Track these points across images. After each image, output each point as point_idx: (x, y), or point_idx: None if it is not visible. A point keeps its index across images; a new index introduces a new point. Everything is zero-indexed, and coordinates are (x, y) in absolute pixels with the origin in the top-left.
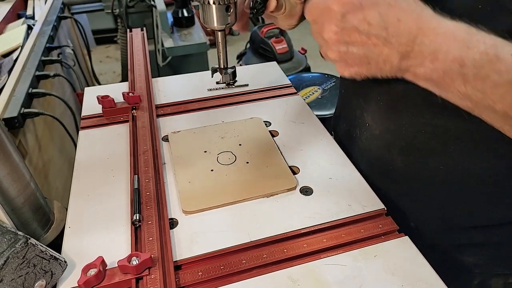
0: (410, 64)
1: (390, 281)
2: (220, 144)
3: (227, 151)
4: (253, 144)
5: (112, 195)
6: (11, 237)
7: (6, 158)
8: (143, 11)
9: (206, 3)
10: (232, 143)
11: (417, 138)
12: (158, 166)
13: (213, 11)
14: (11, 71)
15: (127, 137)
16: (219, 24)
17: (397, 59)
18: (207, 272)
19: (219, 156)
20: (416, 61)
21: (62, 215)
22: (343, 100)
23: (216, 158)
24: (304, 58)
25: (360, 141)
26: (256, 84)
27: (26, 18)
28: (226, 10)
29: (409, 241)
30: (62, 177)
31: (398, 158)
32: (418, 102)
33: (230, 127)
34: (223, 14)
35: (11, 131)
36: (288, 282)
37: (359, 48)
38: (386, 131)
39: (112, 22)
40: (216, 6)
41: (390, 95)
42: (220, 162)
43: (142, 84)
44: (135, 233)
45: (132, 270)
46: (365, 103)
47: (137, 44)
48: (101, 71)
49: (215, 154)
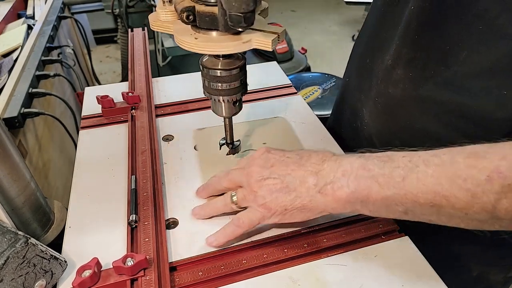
0: (324, 182)
1: (390, 281)
2: (244, 142)
3: (251, 150)
4: (278, 143)
5: (112, 195)
6: (11, 237)
7: (6, 158)
8: (143, 11)
9: (216, 101)
10: (256, 142)
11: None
12: (156, 167)
13: (222, 106)
14: (11, 71)
15: (126, 137)
16: (227, 115)
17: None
18: (208, 272)
19: (244, 154)
20: (328, 178)
21: (62, 215)
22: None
23: (242, 156)
24: (304, 58)
25: (362, 133)
26: (256, 84)
27: (26, 18)
28: (234, 104)
29: (409, 241)
30: (62, 177)
31: None
32: (414, 110)
33: (254, 125)
34: (231, 107)
35: (11, 131)
36: (289, 282)
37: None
38: (382, 130)
39: (112, 22)
40: (225, 103)
41: (387, 99)
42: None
43: (142, 84)
44: (131, 234)
45: (127, 271)
46: (365, 99)
47: (138, 44)
48: (101, 71)
49: (241, 152)
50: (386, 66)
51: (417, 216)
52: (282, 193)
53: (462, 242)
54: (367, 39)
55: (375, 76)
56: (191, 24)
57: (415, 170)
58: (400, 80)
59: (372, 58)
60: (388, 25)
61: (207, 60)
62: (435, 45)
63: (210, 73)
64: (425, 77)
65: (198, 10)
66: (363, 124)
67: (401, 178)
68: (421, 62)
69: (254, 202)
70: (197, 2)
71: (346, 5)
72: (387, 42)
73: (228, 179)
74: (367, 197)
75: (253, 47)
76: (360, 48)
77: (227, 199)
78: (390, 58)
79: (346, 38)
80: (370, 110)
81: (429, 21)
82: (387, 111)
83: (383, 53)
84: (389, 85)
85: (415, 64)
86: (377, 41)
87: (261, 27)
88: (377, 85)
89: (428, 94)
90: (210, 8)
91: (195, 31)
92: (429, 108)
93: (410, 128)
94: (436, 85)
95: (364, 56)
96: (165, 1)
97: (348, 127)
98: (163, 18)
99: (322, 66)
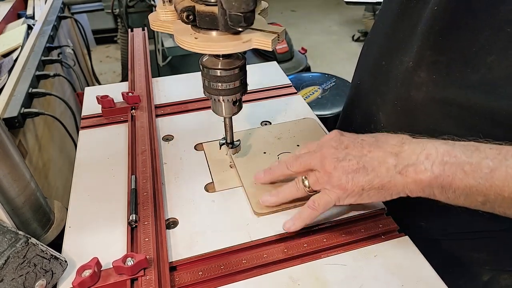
0: (406, 163)
1: (390, 281)
2: (278, 145)
3: (286, 152)
4: None
5: (112, 195)
6: (11, 237)
7: (6, 158)
8: (143, 11)
9: (216, 100)
10: (289, 144)
11: None
12: (156, 166)
13: (222, 106)
14: (11, 71)
15: (126, 137)
16: (227, 114)
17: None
18: (208, 272)
19: (279, 157)
20: (411, 160)
21: (62, 215)
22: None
23: (277, 159)
24: (304, 58)
25: None
26: (256, 84)
27: (26, 18)
28: (233, 104)
29: (409, 241)
30: (62, 177)
31: None
32: (436, 113)
33: (284, 128)
34: (230, 107)
35: (11, 131)
36: (289, 282)
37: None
38: None
39: (112, 22)
40: (225, 103)
41: (408, 102)
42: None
43: (142, 84)
44: (131, 234)
45: (127, 271)
46: (381, 102)
47: (138, 44)
48: (101, 71)
49: (275, 155)
50: (407, 68)
51: (494, 208)
52: (359, 174)
53: (474, 248)
54: (382, 40)
55: (393, 79)
56: (191, 24)
57: (505, 164)
58: (423, 83)
59: (388, 60)
60: (405, 25)
61: (207, 60)
62: (461, 47)
63: (210, 73)
64: (450, 80)
65: (198, 10)
66: (379, 128)
67: (489, 170)
68: (446, 64)
69: (329, 184)
70: (197, 2)
71: (346, 5)
72: (405, 43)
73: (299, 162)
74: (449, 184)
75: (253, 47)
76: (374, 50)
77: (299, 184)
78: (411, 60)
79: (346, 38)
80: (387, 113)
81: (454, 23)
82: (407, 115)
83: (401, 55)
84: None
85: (439, 67)
86: (394, 42)
87: (261, 27)
88: (397, 88)
89: (452, 97)
90: (210, 8)
91: (195, 31)
92: (452, 111)
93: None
94: (462, 89)
95: (379, 57)
96: (165, 1)
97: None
98: (163, 18)
99: (322, 66)
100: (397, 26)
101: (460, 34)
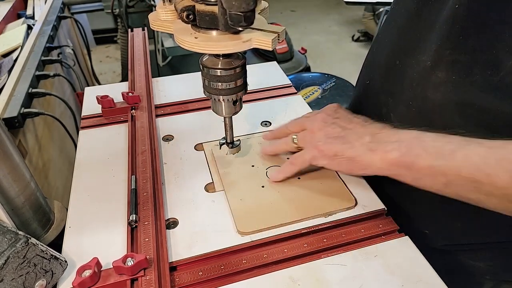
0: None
1: (390, 281)
2: (267, 157)
3: (276, 165)
4: None
5: (112, 195)
6: (11, 237)
7: (6, 158)
8: (143, 11)
9: (216, 100)
10: (279, 156)
11: None
12: (156, 167)
13: (222, 105)
14: (11, 71)
15: (126, 137)
16: (227, 114)
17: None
18: (208, 272)
19: (268, 171)
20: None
21: (62, 215)
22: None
23: (265, 173)
24: (304, 58)
25: None
26: (256, 84)
27: (26, 18)
28: (233, 103)
29: (409, 241)
30: (62, 177)
31: None
32: (453, 115)
33: None
34: (230, 106)
35: (11, 131)
36: (289, 282)
37: None
38: None
39: (112, 22)
40: (225, 102)
41: (423, 103)
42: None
43: (142, 84)
44: (131, 234)
45: (127, 271)
46: (393, 103)
47: (138, 44)
48: (101, 71)
49: (263, 169)
50: (424, 68)
51: (457, 191)
52: (337, 141)
53: (477, 257)
54: (395, 38)
55: (408, 79)
56: (191, 23)
57: (466, 148)
58: (441, 84)
59: (403, 59)
60: (422, 23)
61: (207, 59)
62: (482, 48)
63: (210, 73)
64: (470, 81)
65: (198, 9)
66: None
67: (450, 152)
68: (466, 65)
69: (310, 143)
70: (197, 2)
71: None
72: (422, 42)
73: (296, 122)
74: (412, 164)
75: (253, 47)
76: (385, 49)
77: (289, 139)
78: (429, 60)
79: (346, 38)
80: (400, 114)
81: (476, 23)
82: (422, 116)
83: (418, 54)
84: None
85: (458, 67)
86: (409, 41)
87: (261, 26)
88: (412, 88)
89: (471, 99)
90: (210, 7)
91: (195, 31)
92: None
93: None
94: (482, 91)
95: (391, 56)
96: (165, 0)
97: None
98: (163, 18)
99: (322, 66)
100: (412, 24)
101: (482, 34)
